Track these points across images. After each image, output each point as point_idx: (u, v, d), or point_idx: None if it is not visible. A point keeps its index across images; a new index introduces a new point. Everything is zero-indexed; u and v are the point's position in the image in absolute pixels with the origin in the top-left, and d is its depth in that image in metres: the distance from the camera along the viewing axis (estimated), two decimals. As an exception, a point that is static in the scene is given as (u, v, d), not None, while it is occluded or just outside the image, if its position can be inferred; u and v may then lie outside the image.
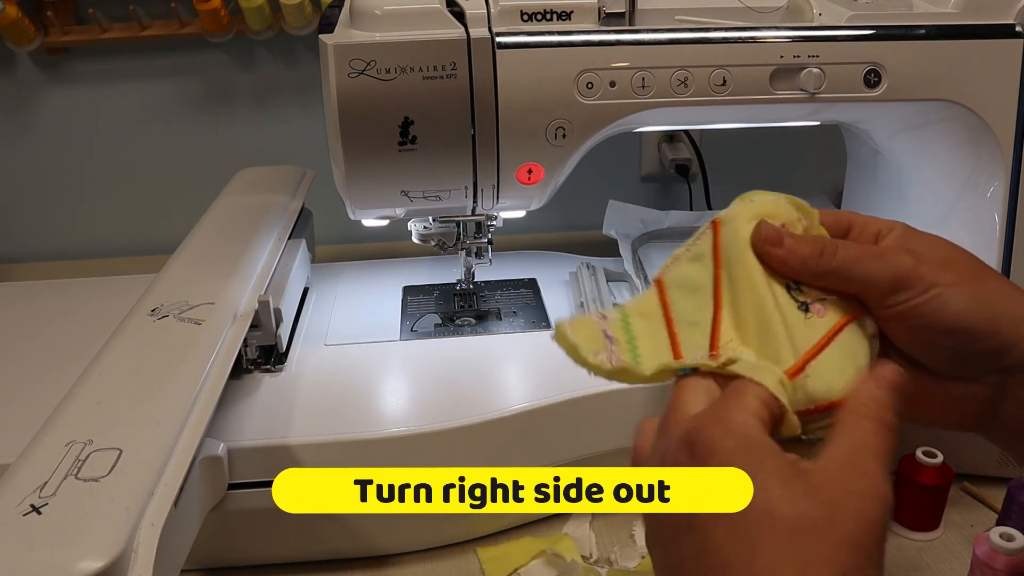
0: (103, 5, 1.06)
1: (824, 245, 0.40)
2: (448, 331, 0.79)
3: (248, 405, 0.67)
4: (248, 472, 0.62)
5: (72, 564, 0.42)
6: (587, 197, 1.07)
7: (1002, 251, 0.70)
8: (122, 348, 0.61)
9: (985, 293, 0.39)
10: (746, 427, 0.35)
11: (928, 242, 0.41)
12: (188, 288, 0.70)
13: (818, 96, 0.67)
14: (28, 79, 1.11)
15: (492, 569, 0.65)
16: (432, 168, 0.67)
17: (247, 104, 1.14)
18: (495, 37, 0.64)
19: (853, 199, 0.92)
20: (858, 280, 0.40)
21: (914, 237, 0.42)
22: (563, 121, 0.66)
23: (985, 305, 0.39)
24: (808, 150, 1.19)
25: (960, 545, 0.67)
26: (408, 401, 0.69)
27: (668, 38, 0.66)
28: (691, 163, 1.14)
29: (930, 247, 0.41)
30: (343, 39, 0.63)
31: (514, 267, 0.91)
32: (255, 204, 0.87)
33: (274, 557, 0.66)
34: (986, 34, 0.67)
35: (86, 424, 0.52)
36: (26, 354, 0.79)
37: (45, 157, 1.15)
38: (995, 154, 0.69)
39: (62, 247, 1.19)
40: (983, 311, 0.38)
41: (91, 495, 0.46)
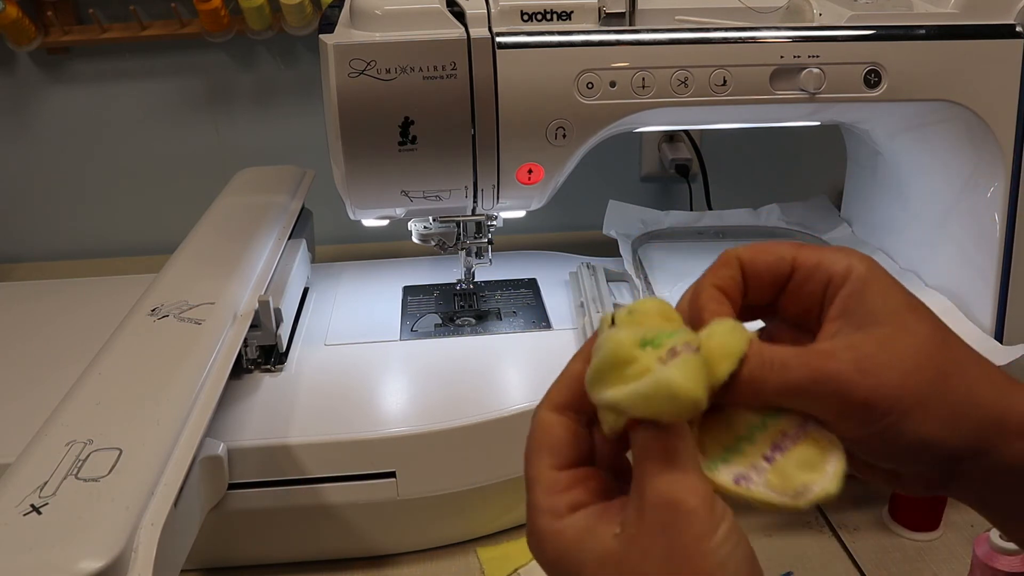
0: (103, 5, 1.06)
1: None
2: (448, 331, 0.79)
3: (248, 405, 0.67)
4: (248, 472, 0.62)
5: (72, 564, 0.42)
6: (587, 197, 1.07)
7: (1002, 251, 0.70)
8: (122, 348, 0.61)
9: (948, 412, 0.32)
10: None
11: (886, 332, 0.33)
12: (188, 288, 0.70)
13: (818, 96, 0.67)
14: (28, 79, 1.11)
15: (492, 569, 0.65)
16: (432, 168, 0.67)
17: (247, 104, 1.13)
18: (495, 37, 0.64)
19: (853, 199, 0.92)
20: (800, 404, 0.33)
21: (869, 316, 0.33)
22: (563, 121, 0.66)
23: (948, 428, 0.32)
24: (808, 150, 1.19)
25: (960, 545, 0.67)
26: (408, 401, 0.69)
27: (668, 38, 0.66)
28: (691, 163, 1.14)
29: (886, 346, 0.32)
30: (343, 39, 0.63)
31: (514, 267, 0.91)
32: (255, 204, 0.87)
33: (274, 557, 0.66)
34: (986, 34, 0.67)
35: (86, 424, 0.52)
36: (26, 354, 0.79)
37: (45, 157, 1.15)
38: (995, 154, 0.69)
39: (62, 247, 1.19)
40: (944, 434, 0.32)
41: (91, 495, 0.46)
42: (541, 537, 0.33)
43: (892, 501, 0.69)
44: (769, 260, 0.35)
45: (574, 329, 0.78)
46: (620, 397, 0.31)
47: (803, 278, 0.35)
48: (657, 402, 0.30)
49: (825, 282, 0.34)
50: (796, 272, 0.35)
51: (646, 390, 0.30)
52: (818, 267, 0.34)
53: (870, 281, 0.34)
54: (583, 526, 0.32)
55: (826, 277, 0.34)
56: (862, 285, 0.34)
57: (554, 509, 0.33)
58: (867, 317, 0.33)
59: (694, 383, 0.30)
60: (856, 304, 0.33)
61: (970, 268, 0.73)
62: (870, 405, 0.32)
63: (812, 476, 0.32)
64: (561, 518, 0.33)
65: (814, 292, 0.35)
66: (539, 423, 0.35)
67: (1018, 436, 0.33)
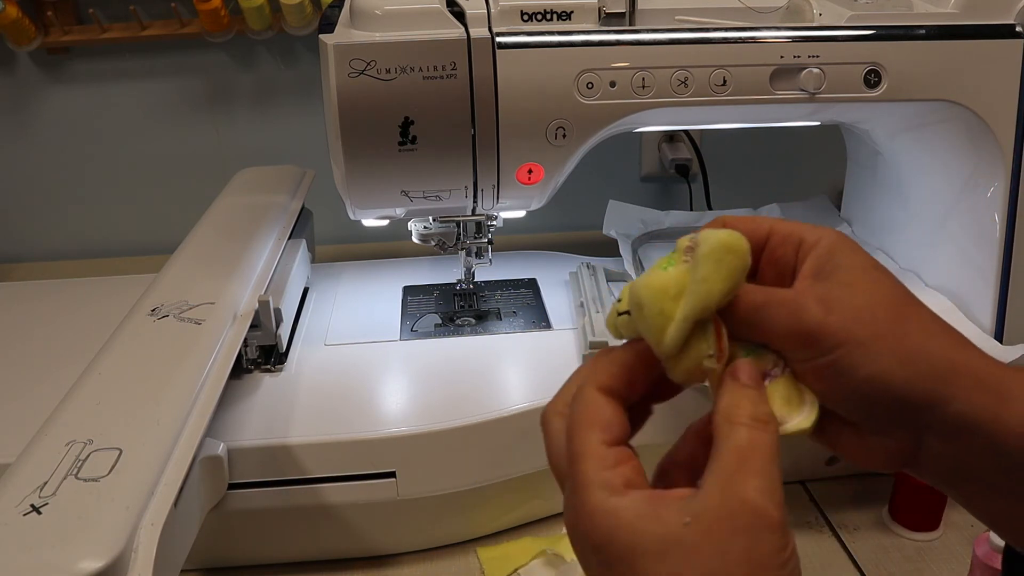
0: (103, 5, 1.06)
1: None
2: (448, 331, 0.79)
3: (248, 405, 0.67)
4: (248, 472, 0.62)
5: (72, 564, 0.42)
6: (587, 197, 1.07)
7: (1002, 251, 0.70)
8: (122, 348, 0.61)
9: (902, 352, 0.34)
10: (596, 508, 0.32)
11: (848, 277, 0.35)
12: (188, 288, 0.70)
13: (818, 96, 0.67)
14: (28, 79, 1.11)
15: (492, 569, 0.65)
16: (432, 168, 0.67)
17: (247, 104, 1.13)
18: (495, 37, 0.64)
19: (853, 199, 0.92)
20: (757, 328, 0.35)
21: (835, 267, 0.36)
22: (563, 121, 0.66)
23: (901, 367, 0.33)
24: (808, 150, 1.19)
25: (960, 545, 0.67)
26: (408, 401, 0.69)
27: (668, 38, 0.66)
28: (691, 163, 1.14)
29: (846, 287, 0.35)
30: (343, 39, 0.63)
31: (514, 267, 0.91)
32: (255, 204, 0.87)
33: (274, 557, 0.66)
34: (986, 34, 0.67)
35: (86, 424, 0.52)
36: (26, 354, 0.79)
37: (45, 157, 1.15)
38: (995, 154, 0.69)
39: (62, 247, 1.19)
40: (897, 373, 0.33)
41: (91, 495, 0.46)
42: (592, 512, 0.32)
43: (892, 501, 0.69)
44: (749, 225, 0.38)
45: (574, 329, 0.78)
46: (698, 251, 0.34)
47: (778, 243, 0.37)
48: (722, 253, 0.34)
49: (797, 245, 0.37)
50: (772, 237, 0.38)
51: (706, 249, 0.34)
52: (792, 234, 0.37)
53: (839, 244, 0.36)
54: (643, 507, 0.31)
55: (798, 241, 0.37)
56: (832, 248, 0.36)
57: (609, 484, 0.32)
58: (834, 271, 0.36)
59: (736, 235, 0.34)
60: (825, 262, 0.36)
61: (970, 268, 0.73)
62: (824, 332, 0.34)
63: (789, 410, 0.35)
64: (617, 495, 0.32)
65: (787, 255, 0.37)
66: (587, 399, 0.35)
67: (972, 388, 0.34)
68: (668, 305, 0.34)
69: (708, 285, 0.33)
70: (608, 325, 0.37)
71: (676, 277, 0.34)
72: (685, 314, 0.34)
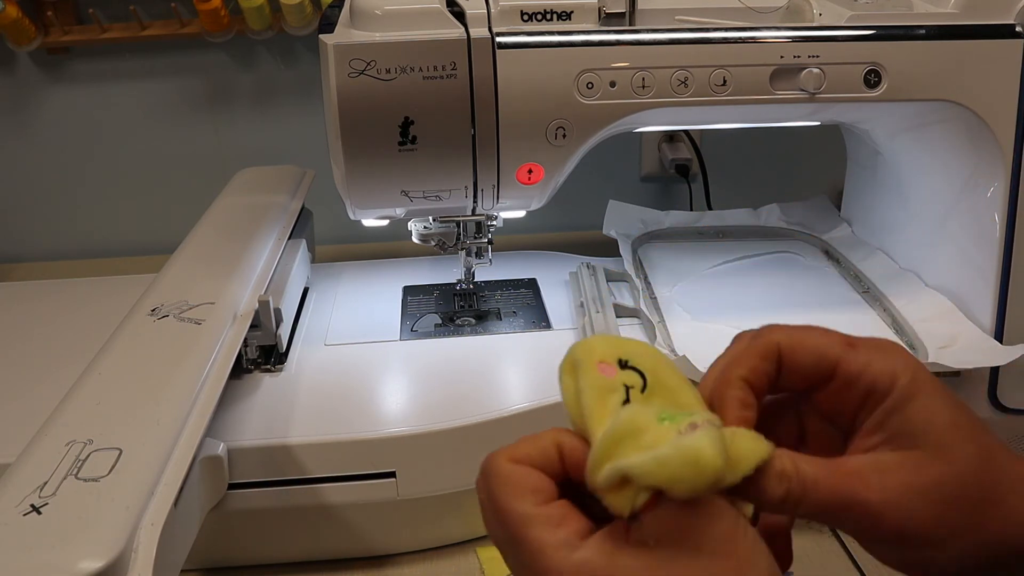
0: (103, 5, 1.06)
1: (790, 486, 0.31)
2: (448, 331, 0.79)
3: (248, 405, 0.67)
4: (248, 472, 0.62)
5: (72, 564, 0.42)
6: (587, 197, 1.07)
7: (1002, 251, 0.70)
8: (122, 348, 0.61)
9: (981, 540, 0.31)
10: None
11: (924, 452, 0.31)
12: (188, 288, 0.70)
13: (818, 96, 0.67)
14: (28, 79, 1.11)
15: (492, 569, 0.65)
16: (432, 168, 0.67)
17: (247, 104, 1.14)
18: (495, 37, 0.64)
19: (853, 199, 0.92)
20: (825, 522, 0.32)
21: (907, 431, 0.31)
22: (563, 121, 0.66)
23: (978, 549, 0.31)
24: (808, 150, 1.19)
25: (960, 545, 0.67)
26: (408, 401, 0.69)
27: (668, 38, 0.66)
28: (691, 163, 1.14)
29: (920, 468, 0.31)
30: (343, 39, 0.63)
31: (514, 267, 0.91)
32: (255, 204, 0.87)
33: (274, 557, 0.66)
34: (986, 34, 0.67)
35: (86, 424, 0.52)
36: (26, 354, 0.79)
37: (45, 157, 1.15)
38: (995, 154, 0.69)
39: (62, 247, 1.19)
40: (973, 556, 0.31)
41: (91, 495, 0.46)
42: (562, 573, 0.30)
43: (892, 501, 0.69)
44: (810, 360, 0.33)
45: (574, 329, 0.78)
46: (636, 463, 0.29)
47: (844, 385, 0.33)
48: (678, 469, 0.29)
49: (866, 392, 0.32)
50: (837, 377, 0.33)
51: (667, 455, 0.29)
52: (861, 376, 0.33)
53: (914, 396, 0.32)
54: (608, 545, 0.31)
55: (868, 387, 0.32)
56: (904, 400, 0.32)
57: (566, 542, 0.31)
58: (906, 438, 0.31)
59: (719, 452, 0.29)
60: (896, 420, 0.32)
61: (970, 268, 0.73)
62: (902, 537, 0.31)
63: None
64: (578, 549, 0.31)
65: (853, 400, 0.33)
66: (505, 472, 0.33)
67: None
68: (626, 448, 0.30)
69: (669, 471, 0.29)
70: (567, 396, 0.35)
71: (659, 436, 0.30)
72: (631, 473, 0.30)
